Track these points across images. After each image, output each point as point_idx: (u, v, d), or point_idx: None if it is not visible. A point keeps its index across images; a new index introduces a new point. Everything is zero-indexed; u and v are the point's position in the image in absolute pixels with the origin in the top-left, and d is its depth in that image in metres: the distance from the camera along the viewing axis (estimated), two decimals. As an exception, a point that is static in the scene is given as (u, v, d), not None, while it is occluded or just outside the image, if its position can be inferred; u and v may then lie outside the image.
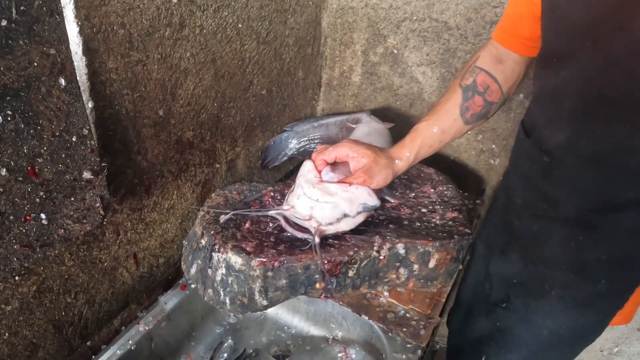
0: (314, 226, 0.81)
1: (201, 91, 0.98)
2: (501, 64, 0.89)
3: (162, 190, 0.99)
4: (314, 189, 0.82)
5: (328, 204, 0.82)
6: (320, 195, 0.82)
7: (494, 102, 0.90)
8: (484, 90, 0.89)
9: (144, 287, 1.04)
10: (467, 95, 0.89)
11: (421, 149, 0.91)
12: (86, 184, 0.80)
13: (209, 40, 0.95)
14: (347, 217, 0.84)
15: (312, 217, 0.82)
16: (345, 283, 0.86)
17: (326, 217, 0.82)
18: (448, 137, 0.92)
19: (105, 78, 0.78)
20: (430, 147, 0.92)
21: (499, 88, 0.89)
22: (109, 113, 0.81)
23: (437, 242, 0.86)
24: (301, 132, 1.30)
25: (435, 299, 0.94)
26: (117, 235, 0.93)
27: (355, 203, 0.83)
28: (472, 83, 0.89)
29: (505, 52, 0.89)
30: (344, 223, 0.84)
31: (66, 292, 0.87)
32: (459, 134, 0.92)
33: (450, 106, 0.91)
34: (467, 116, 0.90)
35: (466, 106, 0.90)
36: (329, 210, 0.82)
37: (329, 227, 0.83)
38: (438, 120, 0.91)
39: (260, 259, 0.77)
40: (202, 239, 0.86)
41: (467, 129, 0.93)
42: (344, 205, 0.82)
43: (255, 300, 0.82)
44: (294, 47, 1.27)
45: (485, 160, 1.34)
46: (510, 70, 0.89)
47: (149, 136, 0.90)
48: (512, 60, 0.89)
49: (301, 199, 0.83)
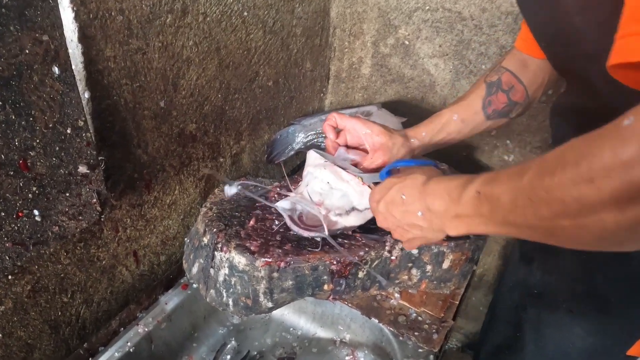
0: (323, 213, 0.77)
1: (205, 82, 0.94)
2: (526, 68, 0.87)
3: (163, 185, 0.95)
4: (325, 170, 0.78)
5: (339, 191, 0.78)
6: (332, 179, 0.78)
7: (517, 102, 0.88)
8: (509, 88, 0.87)
9: (145, 286, 1.01)
10: (491, 90, 0.87)
11: (438, 133, 0.88)
12: (82, 179, 0.77)
13: (212, 28, 0.90)
14: (356, 210, 0.80)
15: (322, 204, 0.78)
16: (355, 285, 0.81)
17: (335, 206, 0.78)
18: (467, 128, 0.88)
19: (102, 67, 0.74)
20: (448, 134, 0.88)
21: (524, 89, 0.87)
22: (107, 104, 0.77)
23: (451, 242, 0.82)
24: (308, 126, 1.25)
25: (448, 301, 0.90)
26: (116, 232, 0.89)
27: (367, 197, 0.79)
28: (497, 80, 0.87)
29: (528, 57, 0.87)
30: (353, 217, 0.80)
31: (62, 291, 0.83)
32: (478, 128, 0.89)
33: (473, 98, 0.88)
34: (488, 111, 0.87)
35: (489, 100, 0.87)
36: (339, 199, 0.78)
37: (338, 219, 0.79)
38: (459, 108, 0.88)
39: (266, 259, 0.73)
40: (204, 237, 0.82)
41: (488, 125, 0.89)
42: (354, 196, 0.79)
43: (260, 302, 0.78)
44: (301, 38, 1.22)
45: (499, 156, 1.30)
46: (534, 74, 0.87)
47: (150, 128, 0.86)
48: (536, 65, 0.87)
49: (311, 184, 0.80)
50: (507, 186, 0.51)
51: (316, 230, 0.77)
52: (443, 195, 0.61)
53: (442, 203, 0.61)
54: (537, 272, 0.87)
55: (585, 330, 0.83)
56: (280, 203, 0.79)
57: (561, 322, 0.85)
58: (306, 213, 0.78)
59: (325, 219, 0.76)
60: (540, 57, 0.85)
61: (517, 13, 1.11)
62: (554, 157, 0.45)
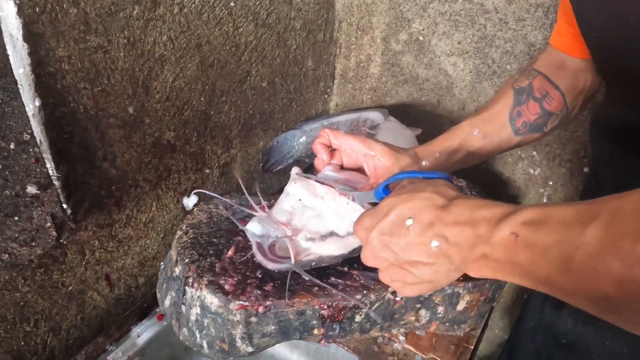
0: (288, 234, 0.62)
1: (183, 83, 0.82)
2: (563, 70, 0.72)
3: (137, 202, 0.84)
4: (295, 184, 0.64)
5: (311, 210, 0.63)
6: (304, 195, 0.63)
7: (553, 113, 0.72)
8: (542, 96, 0.71)
9: (122, 310, 0.91)
10: (520, 99, 0.72)
11: (456, 153, 0.72)
12: (32, 200, 0.66)
13: (191, 21, 0.78)
14: (335, 236, 0.64)
15: (290, 224, 0.63)
16: (352, 328, 0.69)
17: (307, 228, 0.63)
18: (491, 145, 0.73)
19: (54, 69, 0.63)
20: (468, 153, 0.73)
21: (561, 97, 0.71)
22: (62, 112, 0.66)
23: (469, 283, 0.68)
24: (309, 131, 1.13)
25: (462, 345, 0.77)
26: (83, 255, 0.79)
27: (346, 219, 0.63)
28: (527, 86, 0.72)
29: (565, 56, 0.72)
30: (330, 244, 0.64)
31: (24, 320, 0.75)
32: (505, 145, 0.74)
33: (498, 108, 0.73)
34: (517, 124, 0.72)
35: (518, 111, 0.72)
36: (312, 220, 0.63)
37: (310, 246, 0.63)
38: (481, 121, 0.73)
39: (241, 303, 0.61)
40: (176, 266, 0.71)
41: (517, 142, 0.74)
42: (331, 218, 0.63)
43: (238, 347, 0.66)
44: (301, 32, 1.09)
45: (523, 169, 1.15)
46: (573, 78, 0.71)
47: (117, 139, 0.75)
48: (575, 66, 0.72)
49: (281, 203, 0.66)
50: (557, 237, 0.38)
51: (284, 262, 0.62)
52: (469, 226, 0.47)
53: (469, 235, 0.46)
54: (568, 319, 0.73)
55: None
56: (251, 226, 0.64)
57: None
58: (280, 242, 0.64)
59: (291, 242, 0.61)
60: (582, 55, 0.70)
61: (549, 5, 0.97)
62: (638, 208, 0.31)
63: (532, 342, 0.82)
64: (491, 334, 1.47)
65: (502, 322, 1.43)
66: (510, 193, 1.20)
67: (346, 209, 0.63)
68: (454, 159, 0.73)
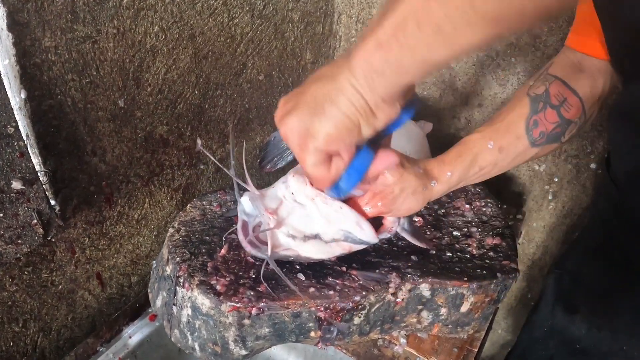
0: (272, 225, 0.59)
1: (176, 75, 0.79)
2: (582, 73, 0.66)
3: (128, 199, 0.81)
4: (293, 177, 0.61)
5: (301, 208, 0.60)
6: (296, 188, 0.60)
7: (572, 121, 0.67)
8: (560, 103, 0.65)
9: (114, 310, 0.88)
10: (537, 107, 0.66)
11: (469, 170, 0.66)
12: (17, 196, 0.64)
13: (184, 11, 0.75)
14: (318, 240, 0.61)
15: (276, 214, 0.60)
16: (350, 331, 0.66)
17: (291, 224, 0.60)
18: (507, 159, 0.67)
19: (40, 60, 0.61)
20: (481, 168, 0.66)
21: (579, 103, 0.66)
22: (49, 104, 0.64)
23: (474, 284, 0.65)
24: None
25: (465, 348, 0.74)
26: (72, 253, 0.77)
27: (334, 225, 0.60)
28: (543, 93, 0.66)
29: (583, 57, 0.67)
30: (310, 246, 0.61)
31: (12, 320, 0.72)
32: (521, 158, 0.68)
33: (513, 118, 0.67)
34: (534, 134, 0.66)
35: (534, 120, 0.66)
36: (298, 218, 0.60)
37: (289, 242, 0.60)
38: (495, 133, 0.66)
39: (233, 304, 0.58)
40: (167, 265, 0.68)
41: (533, 154, 0.68)
42: (318, 220, 0.60)
43: (231, 350, 0.64)
44: (299, 24, 1.06)
45: (528, 165, 1.12)
46: (592, 81, 0.66)
47: (107, 133, 0.72)
48: (594, 67, 0.66)
49: (276, 187, 0.63)
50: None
51: (261, 248, 0.59)
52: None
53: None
54: (582, 324, 0.70)
55: None
56: (243, 200, 0.62)
57: None
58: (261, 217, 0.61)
59: (271, 234, 0.59)
60: (601, 56, 0.65)
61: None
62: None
63: (544, 348, 0.78)
64: (494, 334, 1.44)
65: (506, 323, 1.40)
66: (515, 189, 1.16)
67: (338, 213, 0.59)
68: (468, 178, 0.67)
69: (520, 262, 1.23)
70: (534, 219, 1.18)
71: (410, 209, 0.62)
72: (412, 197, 0.61)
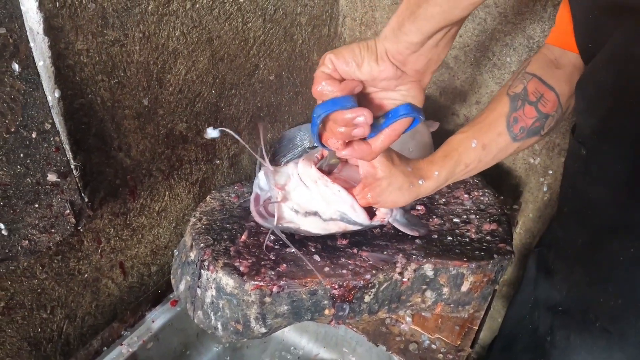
0: (279, 199, 0.67)
1: (195, 76, 0.84)
2: (558, 70, 0.72)
3: (150, 192, 0.86)
4: (301, 162, 0.68)
5: (304, 187, 0.67)
6: (302, 170, 0.67)
7: (549, 115, 0.72)
8: (537, 99, 0.71)
9: (134, 298, 0.93)
10: (516, 105, 0.71)
11: (456, 168, 0.72)
12: (52, 188, 0.69)
13: (203, 16, 0.81)
14: (317, 217, 0.69)
15: (284, 189, 0.68)
16: (361, 309, 0.71)
17: (295, 200, 0.68)
18: (489, 155, 0.73)
19: (73, 62, 0.66)
20: (466, 166, 0.73)
21: (555, 97, 0.71)
22: (80, 103, 0.69)
23: (472, 264, 0.71)
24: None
25: (466, 326, 0.80)
26: (99, 243, 0.82)
27: (332, 206, 0.68)
28: (522, 91, 0.72)
29: (561, 53, 0.72)
30: (310, 222, 0.69)
31: (40, 307, 0.77)
32: (503, 153, 0.74)
33: (494, 117, 0.72)
34: (515, 130, 0.72)
35: (514, 117, 0.71)
36: (301, 195, 0.68)
37: (292, 217, 0.68)
38: (478, 132, 0.72)
39: (256, 283, 0.64)
40: (191, 251, 0.73)
41: (515, 148, 0.74)
42: (319, 202, 0.68)
43: (252, 328, 0.69)
44: (307, 27, 1.12)
45: (524, 158, 1.18)
46: (568, 76, 0.71)
47: (132, 129, 0.77)
48: (570, 63, 0.72)
49: (288, 166, 0.70)
50: None
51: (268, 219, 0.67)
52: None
53: None
54: (563, 285, 0.74)
55: (627, 355, 0.71)
56: (260, 175, 0.70)
57: (595, 344, 0.73)
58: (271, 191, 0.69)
59: (277, 206, 0.66)
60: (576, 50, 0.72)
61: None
62: None
63: (530, 322, 0.83)
64: (494, 323, 1.49)
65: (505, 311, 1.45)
66: (512, 182, 1.22)
67: (335, 195, 0.67)
68: (455, 175, 0.73)
69: (517, 250, 1.29)
70: (530, 210, 1.24)
71: (395, 202, 0.69)
72: (398, 192, 0.68)
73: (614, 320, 0.70)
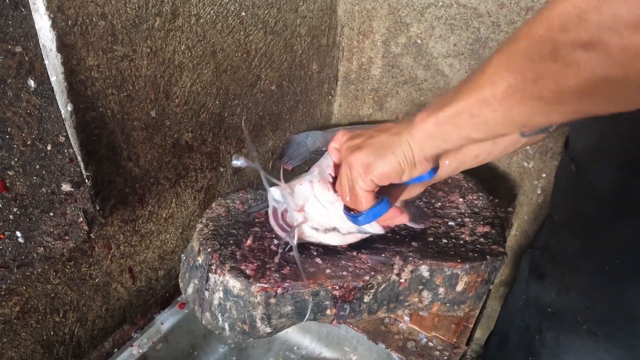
0: (299, 220, 0.71)
1: (200, 88, 0.88)
2: None
3: (158, 199, 0.90)
4: (319, 183, 0.71)
5: (322, 208, 0.71)
6: (320, 194, 0.70)
7: None
8: None
9: (143, 302, 0.97)
10: None
11: (465, 157, 0.74)
12: (66, 197, 0.72)
13: (207, 30, 0.84)
14: (337, 232, 0.73)
15: (304, 210, 0.71)
16: (361, 309, 0.75)
17: (315, 220, 0.71)
18: (499, 149, 0.74)
19: (85, 77, 0.69)
20: (476, 156, 0.74)
21: None
22: (92, 116, 0.72)
23: (466, 264, 0.75)
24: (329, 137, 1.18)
25: (462, 324, 0.83)
26: (109, 249, 0.85)
27: (348, 223, 0.71)
28: None
29: None
30: (330, 236, 0.73)
31: (54, 311, 0.80)
32: (511, 147, 0.75)
33: None
34: None
35: None
36: (321, 215, 0.71)
37: (313, 234, 0.72)
38: None
39: (261, 285, 0.67)
40: (198, 256, 0.77)
41: (522, 143, 0.75)
42: (336, 220, 0.71)
43: (257, 328, 0.73)
44: (306, 38, 1.15)
45: (518, 162, 1.21)
46: None
47: (141, 140, 0.81)
48: None
49: (303, 186, 0.72)
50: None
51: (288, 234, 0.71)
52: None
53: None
54: (552, 289, 0.79)
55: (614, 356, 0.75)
56: (273, 190, 0.73)
57: (583, 345, 0.77)
58: (290, 212, 0.72)
59: (298, 228, 0.70)
60: None
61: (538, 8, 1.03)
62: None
63: (521, 320, 0.87)
64: (490, 322, 1.52)
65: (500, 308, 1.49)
66: (506, 185, 1.26)
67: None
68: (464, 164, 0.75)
69: (512, 252, 1.32)
70: (525, 212, 1.27)
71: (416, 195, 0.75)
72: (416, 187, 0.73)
73: (601, 324, 0.74)
